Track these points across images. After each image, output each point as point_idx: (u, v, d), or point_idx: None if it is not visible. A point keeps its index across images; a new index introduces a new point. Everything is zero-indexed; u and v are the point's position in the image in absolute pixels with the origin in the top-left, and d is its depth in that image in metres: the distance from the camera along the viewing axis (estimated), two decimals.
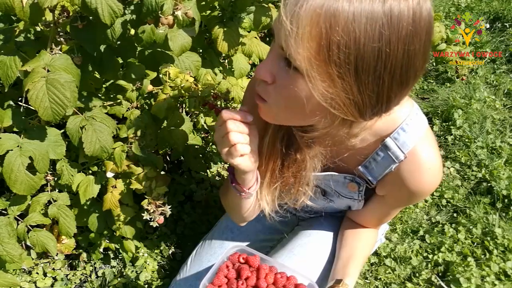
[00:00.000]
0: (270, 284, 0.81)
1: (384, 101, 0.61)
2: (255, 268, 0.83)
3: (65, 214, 1.08)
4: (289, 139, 0.81)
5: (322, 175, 0.88)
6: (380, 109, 0.62)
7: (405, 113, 0.77)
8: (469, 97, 2.19)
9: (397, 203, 0.90)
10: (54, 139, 0.99)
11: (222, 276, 0.82)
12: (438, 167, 0.79)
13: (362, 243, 0.98)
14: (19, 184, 0.93)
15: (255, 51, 1.21)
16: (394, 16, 0.54)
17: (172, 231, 1.63)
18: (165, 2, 0.84)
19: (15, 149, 0.92)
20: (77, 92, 0.87)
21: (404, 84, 0.60)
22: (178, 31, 1.02)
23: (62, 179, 1.09)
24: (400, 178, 0.79)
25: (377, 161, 0.80)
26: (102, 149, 0.97)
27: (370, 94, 0.59)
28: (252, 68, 2.32)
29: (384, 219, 0.99)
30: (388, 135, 0.76)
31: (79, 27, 0.86)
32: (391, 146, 0.76)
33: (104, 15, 0.81)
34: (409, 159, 0.77)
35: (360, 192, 0.90)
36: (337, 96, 0.59)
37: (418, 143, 0.76)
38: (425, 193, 0.82)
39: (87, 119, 0.97)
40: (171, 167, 1.72)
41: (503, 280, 1.48)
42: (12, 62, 0.88)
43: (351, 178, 0.87)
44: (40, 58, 0.86)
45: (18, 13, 0.83)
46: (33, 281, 1.45)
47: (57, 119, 0.86)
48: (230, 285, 0.81)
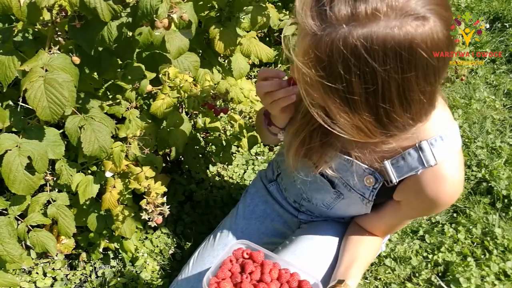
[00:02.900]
0: (274, 279, 0.81)
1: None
2: (259, 263, 0.83)
3: (64, 214, 1.08)
4: None
5: (344, 158, 0.88)
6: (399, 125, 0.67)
7: (446, 126, 0.79)
8: (469, 97, 2.19)
9: (411, 212, 0.89)
10: (53, 139, 0.99)
11: (226, 269, 0.82)
12: (460, 183, 0.80)
13: (366, 248, 0.98)
14: (18, 184, 0.94)
15: (253, 51, 1.21)
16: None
17: (172, 231, 1.63)
18: (160, 5, 0.84)
19: (13, 149, 0.92)
20: (76, 92, 0.87)
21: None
22: (175, 33, 1.02)
23: (61, 179, 1.09)
24: (421, 185, 0.80)
25: (406, 160, 0.80)
26: (100, 149, 0.97)
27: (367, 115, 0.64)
28: (251, 68, 2.32)
29: (393, 229, 0.99)
30: (426, 139, 0.78)
31: (76, 26, 0.87)
32: (425, 149, 0.77)
33: (104, 13, 0.81)
34: (436, 167, 0.78)
35: (373, 191, 0.89)
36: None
37: (451, 155, 0.78)
38: (440, 205, 0.81)
39: (86, 119, 0.97)
40: (171, 167, 1.72)
41: (503, 280, 1.48)
42: (11, 62, 0.88)
43: (371, 172, 0.87)
44: (38, 57, 0.87)
45: (15, 13, 0.84)
46: (33, 281, 1.46)
47: (55, 119, 0.86)
48: (234, 278, 0.81)
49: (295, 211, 1.16)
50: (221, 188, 1.77)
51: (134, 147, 1.05)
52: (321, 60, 0.60)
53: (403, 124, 0.67)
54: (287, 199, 1.17)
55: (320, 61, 0.60)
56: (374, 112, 0.63)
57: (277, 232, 1.20)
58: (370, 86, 0.59)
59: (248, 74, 1.43)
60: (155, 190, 1.04)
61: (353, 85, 0.60)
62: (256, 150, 1.94)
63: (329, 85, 0.61)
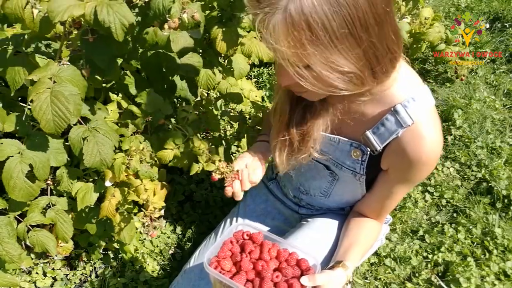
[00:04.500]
0: (273, 258, 0.83)
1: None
2: (258, 243, 0.85)
3: (62, 219, 1.08)
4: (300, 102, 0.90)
5: (329, 137, 0.93)
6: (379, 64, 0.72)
7: (416, 87, 0.85)
8: (469, 97, 2.19)
9: (399, 176, 0.92)
10: (56, 147, 0.98)
11: (226, 250, 0.85)
12: (438, 139, 0.84)
13: (365, 232, 1.01)
14: (18, 191, 0.93)
15: (254, 51, 1.21)
16: None
17: (172, 231, 1.63)
18: (172, 5, 0.84)
19: (16, 156, 0.91)
20: (82, 105, 0.86)
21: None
22: (180, 32, 1.02)
23: (61, 186, 1.08)
24: (402, 146, 0.85)
25: (385, 125, 0.85)
26: (101, 162, 0.95)
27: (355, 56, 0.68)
28: (251, 68, 2.32)
29: (387, 205, 1.00)
30: (399, 103, 0.83)
31: (89, 40, 0.86)
32: (400, 111, 0.83)
33: (118, 33, 0.81)
34: (413, 127, 0.83)
35: (362, 164, 0.93)
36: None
37: (425, 114, 0.83)
38: (423, 165, 0.85)
39: (90, 131, 0.95)
40: (171, 167, 1.72)
41: (502, 280, 1.48)
42: (20, 68, 0.88)
43: (357, 145, 0.91)
44: (47, 67, 0.86)
45: (28, 25, 0.83)
46: (33, 281, 1.45)
47: (59, 132, 0.85)
48: (234, 257, 0.83)
49: (295, 206, 1.18)
50: (221, 188, 1.77)
51: (135, 160, 1.03)
52: (296, 24, 0.64)
53: (383, 56, 0.72)
54: (287, 195, 1.19)
55: (296, 25, 0.64)
56: (360, 44, 0.68)
57: (278, 230, 1.21)
58: (348, 17, 0.64)
59: (248, 74, 1.42)
60: (153, 204, 1.03)
61: (333, 27, 0.64)
62: None
63: (311, 43, 0.65)
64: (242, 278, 0.80)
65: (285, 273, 0.80)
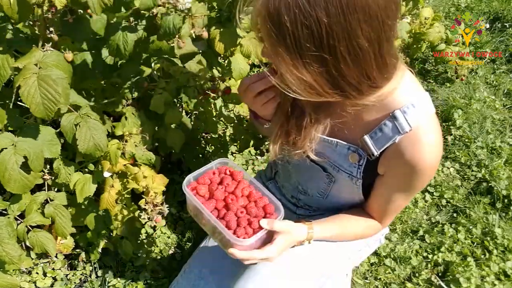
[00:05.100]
0: (244, 196, 0.88)
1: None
2: (236, 181, 0.90)
3: (61, 214, 1.08)
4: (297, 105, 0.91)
5: (327, 139, 0.93)
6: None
7: (416, 93, 0.83)
8: (469, 97, 2.19)
9: (396, 182, 0.91)
10: (49, 138, 0.99)
11: (206, 178, 0.91)
12: (438, 147, 0.82)
13: (356, 220, 1.00)
14: (13, 182, 0.93)
15: (254, 51, 1.21)
16: None
17: (172, 231, 1.63)
18: (182, 25, 0.85)
19: (9, 148, 0.91)
20: (69, 89, 0.87)
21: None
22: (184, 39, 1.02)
23: (60, 178, 1.08)
24: (400, 151, 0.83)
25: (383, 131, 0.85)
26: (96, 146, 0.96)
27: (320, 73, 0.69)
28: (251, 69, 2.32)
29: (388, 210, 0.99)
30: (398, 108, 0.82)
31: (69, 21, 0.87)
32: (399, 117, 0.81)
33: (95, 6, 0.82)
34: (412, 132, 0.81)
35: (359, 168, 0.92)
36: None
37: (425, 120, 0.82)
38: (421, 171, 0.84)
39: (81, 117, 0.97)
40: (171, 167, 1.72)
41: (502, 280, 1.48)
42: (5, 61, 0.87)
43: (355, 149, 0.90)
44: (31, 55, 0.86)
45: (6, 10, 0.83)
46: (33, 281, 1.46)
47: (50, 116, 0.85)
48: (210, 186, 0.89)
49: (293, 206, 1.18)
50: None
51: (130, 144, 1.05)
52: (270, 16, 0.65)
53: (358, 82, 0.72)
54: (285, 196, 1.19)
55: (270, 17, 0.66)
56: (324, 64, 0.68)
57: None
58: (316, 34, 0.64)
59: (248, 74, 1.42)
60: (153, 189, 1.04)
61: (300, 36, 0.65)
62: (255, 151, 1.94)
63: (278, 40, 0.67)
64: (210, 204, 0.85)
65: (250, 211, 0.85)
